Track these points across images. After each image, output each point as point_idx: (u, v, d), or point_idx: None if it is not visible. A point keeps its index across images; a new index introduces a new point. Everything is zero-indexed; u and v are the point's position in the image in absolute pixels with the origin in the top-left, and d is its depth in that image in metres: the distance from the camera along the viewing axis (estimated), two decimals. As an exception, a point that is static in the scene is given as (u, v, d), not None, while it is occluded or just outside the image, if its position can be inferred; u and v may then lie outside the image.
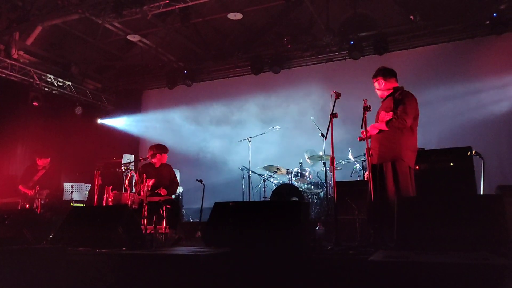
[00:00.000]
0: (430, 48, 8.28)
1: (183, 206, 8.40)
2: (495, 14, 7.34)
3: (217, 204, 3.99)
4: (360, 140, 4.38)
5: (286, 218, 3.16)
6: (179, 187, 8.06)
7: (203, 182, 6.90)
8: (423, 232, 3.27)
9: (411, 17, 7.57)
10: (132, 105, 11.10)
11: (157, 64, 10.06)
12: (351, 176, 7.38)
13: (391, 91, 4.45)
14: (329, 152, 4.55)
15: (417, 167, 5.34)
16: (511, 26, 7.39)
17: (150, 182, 5.62)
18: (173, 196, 6.31)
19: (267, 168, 7.72)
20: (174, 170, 6.47)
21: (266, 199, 7.54)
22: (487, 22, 7.47)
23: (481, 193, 5.20)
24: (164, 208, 5.14)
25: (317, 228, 4.88)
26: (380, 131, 4.33)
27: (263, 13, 8.38)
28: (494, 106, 7.55)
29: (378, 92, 4.55)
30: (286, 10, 8.49)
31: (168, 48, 9.51)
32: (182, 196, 8.52)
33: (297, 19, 8.26)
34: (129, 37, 8.59)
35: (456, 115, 7.67)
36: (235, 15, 7.85)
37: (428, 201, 3.59)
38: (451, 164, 5.27)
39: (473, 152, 5.18)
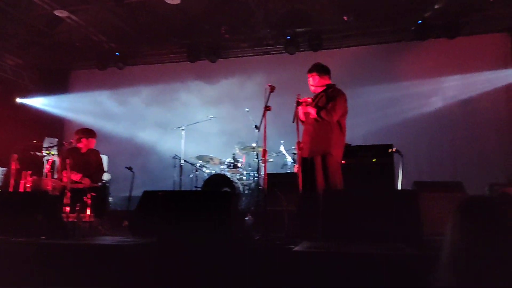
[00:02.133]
0: (361, 48, 8.69)
1: (110, 194, 8.06)
2: (420, 21, 7.85)
3: (146, 193, 3.89)
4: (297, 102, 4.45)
5: (215, 209, 3.16)
6: (106, 174, 7.73)
7: (132, 170, 6.68)
8: (347, 224, 3.44)
9: (345, 17, 7.85)
10: (57, 85, 10.37)
11: (87, 44, 9.48)
12: (282, 168, 7.57)
13: (324, 87, 4.61)
14: (261, 144, 4.61)
15: (343, 161, 5.61)
16: (435, 33, 7.94)
17: (76, 177, 5.34)
18: (100, 184, 6.02)
19: (200, 157, 7.65)
20: (102, 156, 6.18)
21: (197, 189, 7.49)
22: (413, 28, 7.97)
23: (399, 188, 5.58)
24: (88, 196, 4.90)
25: (246, 218, 4.94)
26: (312, 125, 4.48)
27: (202, 0, 8.22)
28: (415, 108, 8.11)
29: (312, 88, 4.69)
30: (225, -1, 8.40)
31: (100, 28, 8.99)
32: (109, 184, 8.18)
33: (236, 10, 8.21)
34: (56, 12, 7.99)
35: (381, 114, 8.12)
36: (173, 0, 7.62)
37: (352, 195, 3.78)
38: (374, 160, 5.60)
39: (394, 150, 5.55)
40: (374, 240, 3.11)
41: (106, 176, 7.81)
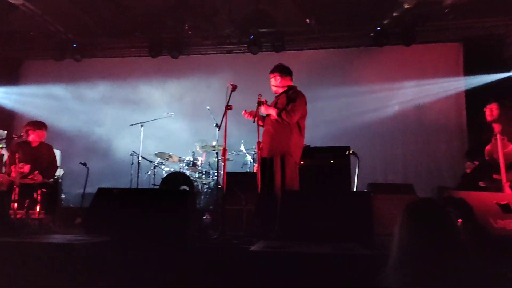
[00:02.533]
0: (322, 51, 8.85)
1: (62, 190, 7.77)
2: (379, 28, 8.11)
3: (100, 190, 3.78)
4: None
5: (171, 207, 3.13)
6: (59, 169, 7.44)
7: (87, 166, 6.47)
8: (303, 224, 3.51)
9: (307, 20, 7.98)
10: (7, 75, 9.84)
11: (42, 33, 9.06)
12: (241, 167, 7.59)
13: (286, 88, 4.67)
14: (222, 142, 4.60)
15: (302, 162, 5.71)
16: (392, 40, 8.23)
17: (26, 168, 5.10)
18: (51, 180, 5.78)
19: (159, 155, 7.52)
20: (55, 151, 5.94)
21: (155, 187, 7.37)
22: (372, 34, 8.22)
23: (354, 190, 5.75)
24: (39, 192, 4.70)
25: (204, 217, 4.90)
26: (271, 126, 4.52)
27: (166, -5, 8.07)
28: (372, 112, 8.36)
29: (273, 88, 4.73)
30: (189, -5, 8.29)
31: (57, 17, 8.61)
32: (62, 180, 7.87)
33: (200, 7, 8.13)
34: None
35: (340, 117, 8.31)
36: (136, -8, 7.44)
37: (309, 195, 3.86)
38: (332, 161, 5.74)
39: (351, 152, 5.71)
40: (329, 239, 3.18)
41: (58, 172, 7.51)
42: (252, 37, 8.55)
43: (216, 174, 7.05)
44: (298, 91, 4.64)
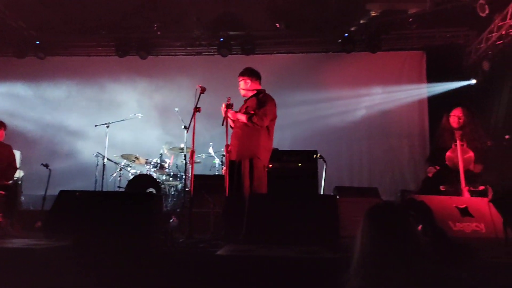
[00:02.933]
0: (291, 56, 8.95)
1: (22, 192, 7.47)
2: (346, 34, 8.29)
3: (62, 193, 3.66)
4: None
5: (136, 210, 3.07)
6: (19, 171, 7.16)
7: (49, 167, 6.24)
8: (270, 227, 3.52)
9: (277, 25, 8.05)
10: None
11: (3, 29, 8.70)
12: (210, 170, 7.55)
13: (255, 92, 4.68)
14: (190, 145, 4.56)
15: (270, 165, 5.74)
16: (359, 47, 8.45)
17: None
18: (10, 182, 5.55)
19: (125, 156, 7.37)
20: (15, 151, 5.72)
21: (120, 189, 7.21)
22: (340, 40, 8.40)
23: (321, 193, 5.84)
24: (-4, 195, 4.50)
25: (171, 220, 4.84)
26: (240, 129, 4.52)
27: (134, -6, 7.93)
28: (339, 117, 8.52)
29: (242, 91, 4.73)
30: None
31: (19, 13, 8.29)
32: (22, 182, 7.57)
33: (170, 8, 8.04)
34: (-32, -8, 7.26)
35: (308, 120, 8.42)
36: (102, -10, 7.28)
37: (276, 198, 3.88)
38: (299, 164, 5.81)
39: (318, 155, 5.79)
40: (295, 242, 3.21)
41: (18, 173, 7.22)
42: (222, 39, 8.54)
43: (184, 176, 6.97)
44: (267, 95, 4.66)
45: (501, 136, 6.48)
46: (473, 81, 8.13)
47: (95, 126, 7.48)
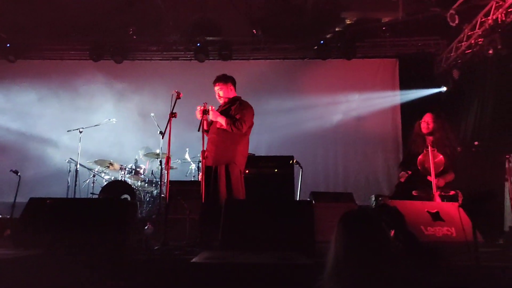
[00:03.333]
0: (268, 62, 9.01)
1: (-10, 199, 7.22)
2: (322, 42, 8.41)
3: (32, 200, 3.56)
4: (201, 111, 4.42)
5: (110, 218, 3.01)
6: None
7: (19, 173, 6.05)
8: (246, 233, 3.51)
9: (254, 31, 8.10)
10: None
11: (-28, 31, 8.43)
12: (186, 176, 7.49)
13: (230, 98, 4.69)
14: (166, 150, 4.51)
15: (247, 171, 5.74)
16: (334, 54, 8.58)
17: None
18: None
19: (99, 162, 7.22)
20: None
21: (94, 196, 7.06)
22: (316, 47, 8.51)
23: (298, 198, 5.87)
24: (-38, 203, 4.33)
25: (146, 227, 4.77)
26: (216, 134, 4.51)
27: (109, -3, 7.82)
28: (315, 122, 8.61)
29: (219, 97, 4.72)
30: (133, -1, 8.10)
31: (-13, 14, 8.05)
32: (-11, 188, 7.32)
33: (146, 12, 7.97)
34: None
35: (284, 126, 8.47)
36: (76, -7, 7.14)
37: (252, 204, 3.88)
38: (276, 170, 5.83)
39: (294, 161, 5.83)
40: (272, 248, 3.21)
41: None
42: (198, 44, 8.52)
43: (159, 182, 6.89)
44: (245, 102, 4.69)
45: (470, 142, 6.70)
46: (444, 89, 8.38)
47: (68, 131, 7.33)
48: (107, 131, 7.83)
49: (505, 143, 5.64)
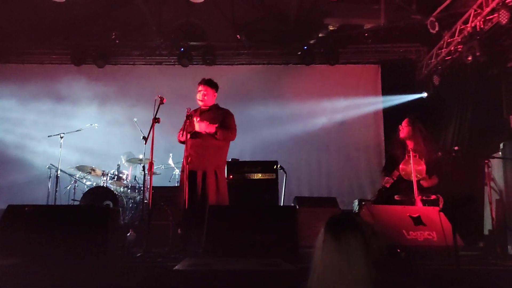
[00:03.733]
0: (252, 67, 9.02)
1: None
2: (306, 47, 8.48)
3: (10, 207, 3.47)
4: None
5: (91, 225, 2.95)
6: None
7: (-4, 180, 5.92)
8: (230, 240, 3.50)
9: (238, 36, 8.11)
10: None
11: None
12: (169, 181, 7.42)
13: (213, 103, 4.70)
14: (149, 156, 4.47)
15: (231, 176, 5.73)
16: (318, 59, 8.65)
17: None
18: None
19: (80, 168, 7.10)
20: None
21: (75, 203, 6.93)
22: (299, 53, 8.57)
23: (282, 203, 5.88)
24: None
25: (128, 234, 4.70)
26: (200, 140, 4.49)
27: (91, 0, 7.73)
28: (298, 127, 8.64)
29: (200, 102, 4.70)
30: (116, 3, 8.03)
31: (-34, 18, 7.86)
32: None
33: (129, 16, 7.90)
34: None
35: (268, 131, 8.47)
36: (56, -3, 7.01)
37: (236, 210, 3.87)
38: (260, 175, 5.84)
39: (278, 166, 5.85)
40: (255, 254, 3.20)
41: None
42: (182, 49, 8.48)
43: (142, 188, 6.81)
44: (227, 110, 4.73)
45: (451, 147, 6.82)
46: (425, 94, 8.53)
47: (48, 136, 7.20)
48: (89, 136, 7.72)
49: (484, 148, 5.75)
